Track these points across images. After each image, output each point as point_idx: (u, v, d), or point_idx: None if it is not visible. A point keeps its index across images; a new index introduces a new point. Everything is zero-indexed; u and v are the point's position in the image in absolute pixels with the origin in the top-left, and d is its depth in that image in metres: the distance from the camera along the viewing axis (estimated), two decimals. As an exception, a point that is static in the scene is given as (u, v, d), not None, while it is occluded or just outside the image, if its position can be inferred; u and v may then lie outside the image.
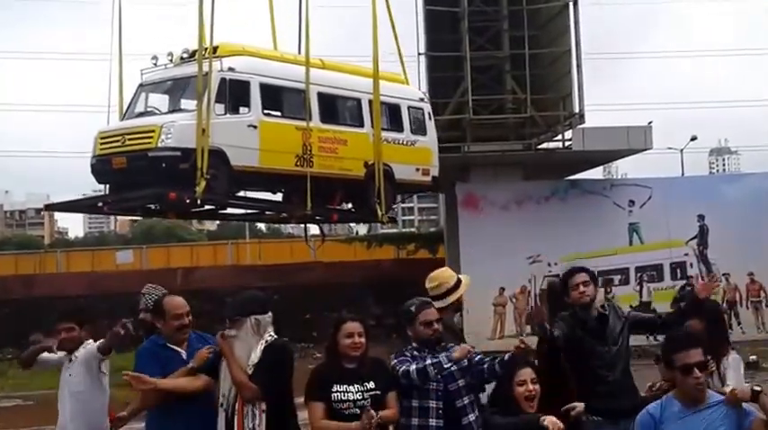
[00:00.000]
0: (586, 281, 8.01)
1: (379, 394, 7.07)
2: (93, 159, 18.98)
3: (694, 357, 5.94)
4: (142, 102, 19.48)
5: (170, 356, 7.66)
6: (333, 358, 7.26)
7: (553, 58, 29.63)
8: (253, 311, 7.22)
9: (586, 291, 7.93)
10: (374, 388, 7.07)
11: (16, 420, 18.27)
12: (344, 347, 7.15)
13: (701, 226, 30.40)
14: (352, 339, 7.15)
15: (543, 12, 29.78)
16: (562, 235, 29.04)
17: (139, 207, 20.36)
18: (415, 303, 7.64)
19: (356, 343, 7.15)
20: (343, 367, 7.14)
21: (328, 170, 19.97)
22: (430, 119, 23.03)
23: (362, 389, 7.04)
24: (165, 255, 48.10)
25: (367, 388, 7.06)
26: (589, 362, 7.81)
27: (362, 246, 45.29)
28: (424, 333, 7.47)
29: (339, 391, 7.01)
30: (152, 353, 7.75)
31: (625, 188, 31.69)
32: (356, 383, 7.06)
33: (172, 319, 7.74)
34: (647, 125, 30.08)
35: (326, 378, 7.09)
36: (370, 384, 7.07)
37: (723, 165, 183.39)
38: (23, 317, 36.10)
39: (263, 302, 7.41)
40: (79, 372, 8.48)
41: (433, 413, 7.28)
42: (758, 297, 30.49)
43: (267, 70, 19.54)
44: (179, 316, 7.74)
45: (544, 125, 29.85)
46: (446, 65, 30.28)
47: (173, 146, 17.90)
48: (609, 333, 7.90)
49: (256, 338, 7.14)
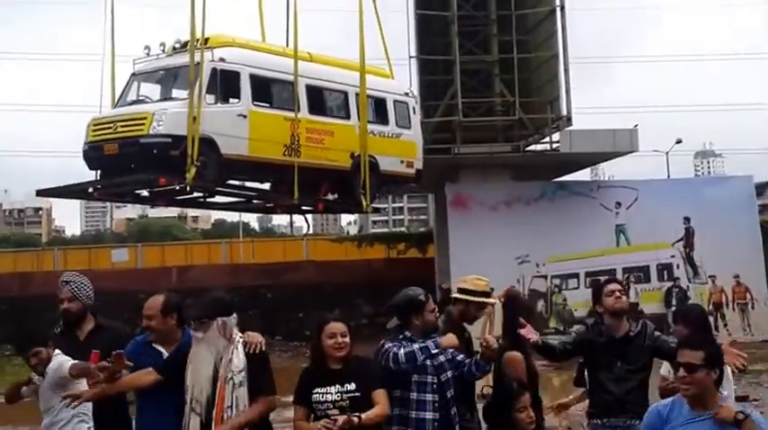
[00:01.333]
0: (621, 289, 8.04)
1: (359, 395, 6.90)
2: (85, 146, 19.01)
3: (683, 357, 5.81)
4: (134, 91, 19.53)
5: (148, 355, 7.43)
6: (318, 359, 7.09)
7: (541, 62, 29.59)
8: (219, 313, 6.97)
9: (622, 298, 7.91)
10: (354, 389, 6.91)
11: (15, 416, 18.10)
12: (328, 348, 6.99)
13: (687, 228, 30.37)
14: (335, 339, 7.00)
15: (531, 17, 29.74)
16: (550, 235, 29.02)
17: (129, 193, 20.42)
18: (421, 292, 7.62)
19: (339, 343, 6.99)
20: (328, 368, 7.00)
21: (315, 160, 20.05)
22: (414, 113, 23.24)
23: (342, 390, 6.90)
24: (161, 253, 48.02)
25: (347, 389, 6.91)
26: (599, 373, 7.84)
27: (353, 245, 45.35)
28: (432, 319, 7.53)
29: (319, 393, 6.89)
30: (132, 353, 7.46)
31: (612, 190, 31.71)
32: (337, 384, 6.92)
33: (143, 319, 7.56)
34: (633, 128, 30.09)
35: (310, 380, 6.99)
36: (351, 385, 6.92)
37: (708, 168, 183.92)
38: (21, 314, 35.95)
39: (228, 304, 7.18)
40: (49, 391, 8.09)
41: (430, 406, 7.30)
42: (744, 299, 30.38)
43: (257, 61, 19.64)
44: (143, 317, 7.55)
45: (532, 127, 29.78)
46: (436, 68, 30.25)
47: (164, 133, 17.95)
48: (631, 353, 7.84)
49: (223, 341, 6.90)
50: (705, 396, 5.80)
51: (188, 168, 17.51)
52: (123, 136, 18.18)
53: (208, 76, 18.34)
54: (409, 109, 23.08)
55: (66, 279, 8.57)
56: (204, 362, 6.88)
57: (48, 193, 20.78)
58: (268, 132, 19.34)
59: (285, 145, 19.44)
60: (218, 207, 22.57)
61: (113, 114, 18.94)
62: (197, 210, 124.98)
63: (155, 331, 7.51)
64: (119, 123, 18.43)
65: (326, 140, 20.50)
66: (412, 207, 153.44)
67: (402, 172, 22.80)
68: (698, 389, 5.77)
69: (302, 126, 19.69)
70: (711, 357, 5.79)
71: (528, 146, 30.62)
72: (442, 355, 7.36)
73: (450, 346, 7.37)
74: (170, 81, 19.53)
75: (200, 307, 7.07)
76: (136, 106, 18.95)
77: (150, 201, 21.40)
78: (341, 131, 20.83)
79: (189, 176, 17.60)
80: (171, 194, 19.92)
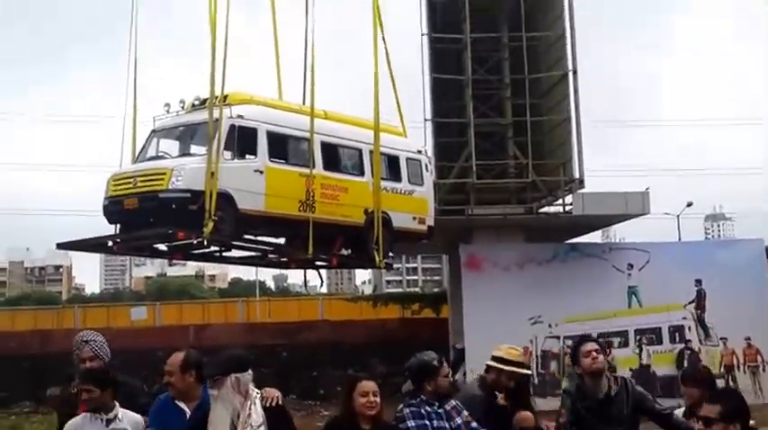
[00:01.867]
0: (597, 349, 7.95)
1: None
2: (105, 200, 19.17)
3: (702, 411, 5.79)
4: (154, 146, 19.71)
5: (172, 413, 7.53)
6: (349, 418, 7.03)
7: (553, 125, 29.71)
8: (233, 370, 6.92)
9: (599, 358, 7.85)
10: None
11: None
12: (360, 406, 6.93)
13: (699, 290, 30.21)
14: (367, 398, 6.95)
15: (544, 80, 29.93)
16: (563, 296, 28.93)
17: (148, 247, 20.42)
18: (435, 357, 7.66)
19: (371, 402, 6.95)
20: (359, 428, 6.93)
21: (330, 216, 20.20)
22: (427, 170, 23.41)
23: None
24: (178, 311, 48.08)
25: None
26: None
27: (368, 305, 45.27)
28: (445, 385, 7.59)
29: None
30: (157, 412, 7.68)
31: (624, 252, 31.65)
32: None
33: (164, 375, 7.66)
34: (645, 191, 30.05)
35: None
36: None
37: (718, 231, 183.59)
38: (41, 371, 35.92)
39: (242, 360, 7.14)
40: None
41: None
42: (755, 362, 30.11)
43: (274, 118, 19.85)
44: (165, 373, 7.64)
45: (545, 189, 29.83)
46: (451, 130, 30.38)
47: (183, 188, 18.10)
48: (615, 413, 7.76)
49: (238, 397, 6.84)
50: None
51: (206, 223, 17.65)
52: (143, 191, 18.38)
53: (226, 132, 18.53)
54: (422, 166, 23.27)
55: (86, 338, 8.65)
56: (220, 421, 6.79)
57: (68, 247, 20.88)
58: (284, 188, 19.50)
59: (300, 200, 19.59)
60: (233, 261, 22.61)
61: (133, 170, 19.11)
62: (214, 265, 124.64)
63: (174, 388, 7.57)
64: (139, 178, 18.62)
65: (341, 196, 20.67)
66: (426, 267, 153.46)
67: (414, 228, 22.94)
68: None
69: (317, 182, 19.86)
70: (729, 411, 5.66)
71: (541, 207, 30.68)
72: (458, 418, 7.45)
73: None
74: (189, 137, 19.75)
75: (214, 364, 7.05)
76: (155, 162, 19.13)
77: (168, 255, 21.44)
78: (355, 188, 20.99)
79: (206, 230, 17.74)
80: (188, 249, 20.06)
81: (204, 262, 22.30)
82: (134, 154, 19.84)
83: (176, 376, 7.54)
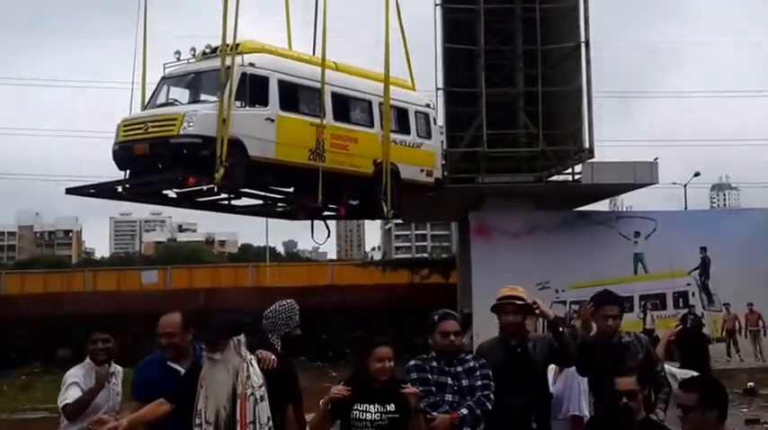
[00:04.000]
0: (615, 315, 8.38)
1: (398, 417, 6.92)
2: (115, 146, 19.20)
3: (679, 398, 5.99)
4: (164, 94, 19.75)
5: (164, 375, 7.34)
6: (360, 377, 7.13)
7: (564, 96, 29.73)
8: (235, 333, 6.93)
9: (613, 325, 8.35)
10: (394, 410, 6.94)
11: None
12: (374, 371, 7.04)
13: (703, 257, 30.47)
14: (382, 364, 7.05)
15: (556, 51, 29.96)
16: (570, 263, 29.14)
17: (157, 193, 20.49)
18: (439, 313, 7.66)
19: (386, 367, 7.05)
20: (368, 387, 7.03)
21: (339, 166, 20.38)
22: (435, 124, 23.53)
23: (382, 410, 6.93)
24: (189, 275, 48.14)
25: (387, 409, 6.94)
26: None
27: (378, 270, 45.48)
28: (441, 342, 7.47)
29: (359, 410, 6.92)
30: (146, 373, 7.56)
31: (631, 220, 31.88)
32: (377, 403, 6.95)
33: (158, 336, 7.48)
34: (653, 161, 30.19)
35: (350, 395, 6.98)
36: (391, 406, 6.95)
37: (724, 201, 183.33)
38: (51, 333, 36.28)
39: (241, 323, 7.14)
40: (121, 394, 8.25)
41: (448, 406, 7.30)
42: (756, 326, 30.47)
43: (285, 68, 19.94)
44: (160, 334, 7.45)
45: (555, 159, 29.97)
46: (463, 100, 30.42)
47: (194, 133, 18.23)
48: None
49: (238, 359, 6.86)
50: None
51: (217, 168, 17.81)
52: (154, 136, 18.52)
53: (237, 80, 18.60)
54: (430, 119, 23.46)
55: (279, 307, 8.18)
56: (223, 383, 6.80)
57: (77, 192, 20.74)
58: (294, 137, 19.65)
59: (310, 149, 19.74)
60: (241, 211, 22.62)
61: (144, 115, 19.24)
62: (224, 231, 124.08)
63: (176, 348, 7.42)
64: (149, 124, 18.71)
65: (350, 147, 20.86)
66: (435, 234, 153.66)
67: (422, 180, 23.17)
68: (694, 428, 5.76)
69: (327, 132, 20.05)
70: (706, 398, 5.74)
71: (550, 176, 30.78)
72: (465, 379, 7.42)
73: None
74: (199, 85, 19.80)
75: (217, 328, 6.97)
76: (166, 108, 19.31)
77: (177, 202, 21.59)
78: (364, 139, 21.18)
79: (217, 176, 17.88)
80: (197, 196, 20.20)
81: (212, 211, 22.31)
82: (144, 101, 20.02)
83: (179, 336, 7.41)
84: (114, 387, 8.31)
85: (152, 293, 40.83)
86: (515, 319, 7.91)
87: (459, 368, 7.46)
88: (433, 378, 7.39)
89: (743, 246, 30.12)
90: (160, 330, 7.41)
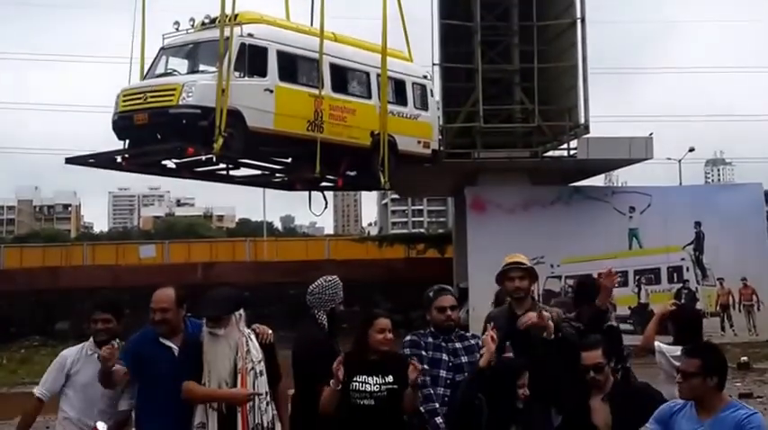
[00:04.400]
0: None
1: (397, 388, 6.98)
2: (114, 116, 19.23)
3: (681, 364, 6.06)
4: (162, 64, 19.79)
5: (159, 352, 7.17)
6: (360, 350, 7.17)
7: (560, 72, 29.78)
8: (237, 308, 6.98)
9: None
10: (392, 382, 7.01)
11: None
12: (376, 342, 7.10)
13: (698, 232, 30.51)
14: (383, 334, 7.11)
15: (552, 28, 29.90)
16: (565, 238, 29.21)
17: (156, 163, 20.52)
18: (434, 288, 7.61)
19: (388, 338, 7.12)
20: (367, 359, 7.09)
21: (337, 137, 20.50)
22: (432, 95, 23.52)
23: (381, 382, 7.01)
24: (186, 250, 48.29)
25: (386, 381, 7.01)
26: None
27: (374, 245, 45.58)
28: (437, 318, 7.41)
29: (359, 381, 6.98)
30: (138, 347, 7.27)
31: (626, 195, 31.89)
32: (376, 375, 7.03)
33: (151, 311, 7.24)
34: (648, 136, 30.20)
35: (349, 368, 6.95)
36: (389, 378, 7.02)
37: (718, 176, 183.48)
38: (50, 306, 36.34)
39: (242, 298, 7.17)
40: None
41: (439, 399, 7.27)
42: (750, 301, 30.52)
43: (284, 38, 20.01)
44: (154, 310, 7.21)
45: (550, 134, 30.00)
46: (459, 76, 30.42)
47: (193, 104, 18.34)
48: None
49: (238, 334, 6.90)
50: (706, 401, 5.87)
51: (216, 139, 17.88)
52: (153, 106, 18.62)
53: (236, 50, 18.67)
54: (427, 91, 23.51)
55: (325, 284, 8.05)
56: (225, 358, 6.81)
57: (77, 161, 20.74)
58: (293, 107, 19.73)
59: (309, 120, 19.84)
60: (239, 181, 22.72)
61: (144, 85, 19.26)
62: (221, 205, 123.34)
63: (169, 323, 7.22)
64: (149, 94, 18.78)
65: (348, 118, 20.94)
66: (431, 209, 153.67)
67: (419, 152, 23.24)
68: (692, 394, 5.88)
69: (325, 103, 20.12)
70: (708, 365, 5.85)
71: (546, 152, 30.83)
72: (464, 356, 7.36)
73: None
74: (198, 55, 19.87)
75: (221, 303, 6.98)
76: (165, 78, 19.31)
77: (176, 172, 21.62)
78: (362, 110, 21.25)
79: (216, 146, 17.98)
80: (196, 166, 20.24)
81: (210, 181, 22.31)
82: (143, 71, 20.02)
83: (173, 311, 7.20)
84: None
85: (150, 267, 40.88)
86: (522, 284, 7.78)
87: (458, 344, 7.44)
88: (428, 354, 7.34)
89: (737, 221, 30.16)
90: (154, 305, 7.21)
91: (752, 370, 23.93)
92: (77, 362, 7.61)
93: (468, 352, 7.39)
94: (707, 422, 5.85)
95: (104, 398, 7.43)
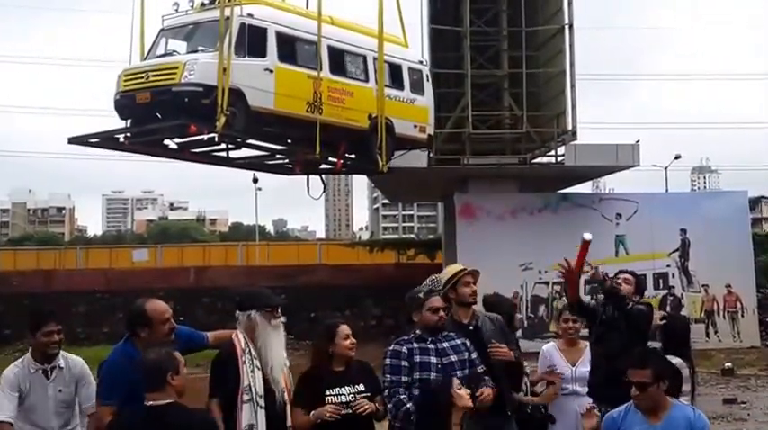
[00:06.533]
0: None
1: (370, 395, 6.99)
2: (116, 95, 19.14)
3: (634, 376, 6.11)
4: (162, 46, 19.75)
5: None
6: (324, 362, 7.12)
7: (549, 78, 29.65)
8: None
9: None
10: (364, 390, 7.00)
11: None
12: (344, 349, 7.07)
13: (683, 239, 30.50)
14: (350, 340, 7.10)
15: (541, 33, 29.81)
16: (553, 244, 29.03)
17: (158, 143, 20.35)
18: (423, 290, 7.52)
19: (354, 342, 7.11)
20: (334, 370, 7.05)
21: (336, 119, 20.49)
22: (428, 80, 23.53)
23: (353, 391, 6.96)
24: (179, 254, 48.29)
25: (357, 390, 6.98)
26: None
27: (365, 250, 45.56)
28: (431, 319, 7.22)
29: (332, 395, 6.90)
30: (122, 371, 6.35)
31: (613, 202, 31.86)
32: (347, 385, 6.98)
33: (160, 325, 6.66)
34: (635, 143, 30.22)
35: (316, 382, 6.98)
36: (360, 386, 7.00)
37: (704, 183, 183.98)
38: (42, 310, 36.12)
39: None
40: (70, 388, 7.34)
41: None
42: (734, 307, 30.48)
43: (283, 20, 20.04)
44: (166, 319, 6.71)
45: (539, 141, 29.88)
46: (448, 81, 30.28)
47: (195, 82, 18.23)
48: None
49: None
50: (657, 405, 6.09)
51: (218, 117, 17.84)
52: (155, 85, 18.49)
53: (236, 30, 18.62)
54: (423, 76, 23.51)
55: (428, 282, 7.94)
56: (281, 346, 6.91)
57: (79, 141, 20.50)
58: (292, 88, 19.72)
59: (308, 102, 19.82)
60: (238, 164, 22.64)
61: (145, 65, 19.18)
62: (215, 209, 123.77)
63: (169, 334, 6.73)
64: (151, 73, 18.68)
65: (346, 100, 20.93)
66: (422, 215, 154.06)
67: (415, 136, 23.26)
68: (652, 402, 6.07)
69: (324, 85, 20.12)
70: (659, 372, 6.06)
71: (534, 158, 30.77)
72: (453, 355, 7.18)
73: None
74: (197, 36, 19.76)
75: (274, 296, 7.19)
76: (167, 57, 19.22)
77: (177, 153, 21.43)
78: (360, 93, 21.26)
79: (219, 125, 17.92)
80: (198, 146, 20.18)
81: (210, 163, 22.18)
82: (142, 53, 19.96)
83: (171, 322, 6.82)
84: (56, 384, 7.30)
85: (143, 271, 40.84)
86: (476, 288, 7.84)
87: (445, 343, 7.26)
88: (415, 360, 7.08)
89: (722, 228, 30.17)
90: (163, 317, 6.69)
91: (736, 376, 23.92)
92: (25, 380, 7.15)
93: (456, 351, 7.24)
94: (659, 425, 6.05)
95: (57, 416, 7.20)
